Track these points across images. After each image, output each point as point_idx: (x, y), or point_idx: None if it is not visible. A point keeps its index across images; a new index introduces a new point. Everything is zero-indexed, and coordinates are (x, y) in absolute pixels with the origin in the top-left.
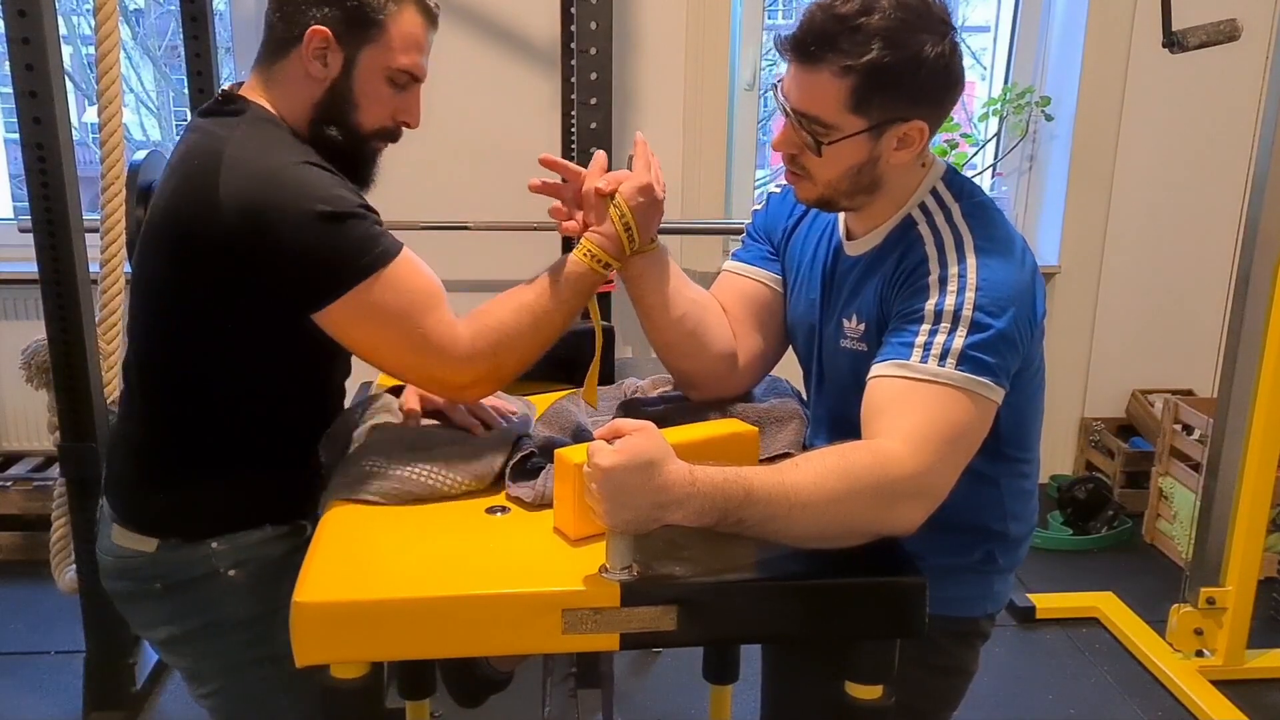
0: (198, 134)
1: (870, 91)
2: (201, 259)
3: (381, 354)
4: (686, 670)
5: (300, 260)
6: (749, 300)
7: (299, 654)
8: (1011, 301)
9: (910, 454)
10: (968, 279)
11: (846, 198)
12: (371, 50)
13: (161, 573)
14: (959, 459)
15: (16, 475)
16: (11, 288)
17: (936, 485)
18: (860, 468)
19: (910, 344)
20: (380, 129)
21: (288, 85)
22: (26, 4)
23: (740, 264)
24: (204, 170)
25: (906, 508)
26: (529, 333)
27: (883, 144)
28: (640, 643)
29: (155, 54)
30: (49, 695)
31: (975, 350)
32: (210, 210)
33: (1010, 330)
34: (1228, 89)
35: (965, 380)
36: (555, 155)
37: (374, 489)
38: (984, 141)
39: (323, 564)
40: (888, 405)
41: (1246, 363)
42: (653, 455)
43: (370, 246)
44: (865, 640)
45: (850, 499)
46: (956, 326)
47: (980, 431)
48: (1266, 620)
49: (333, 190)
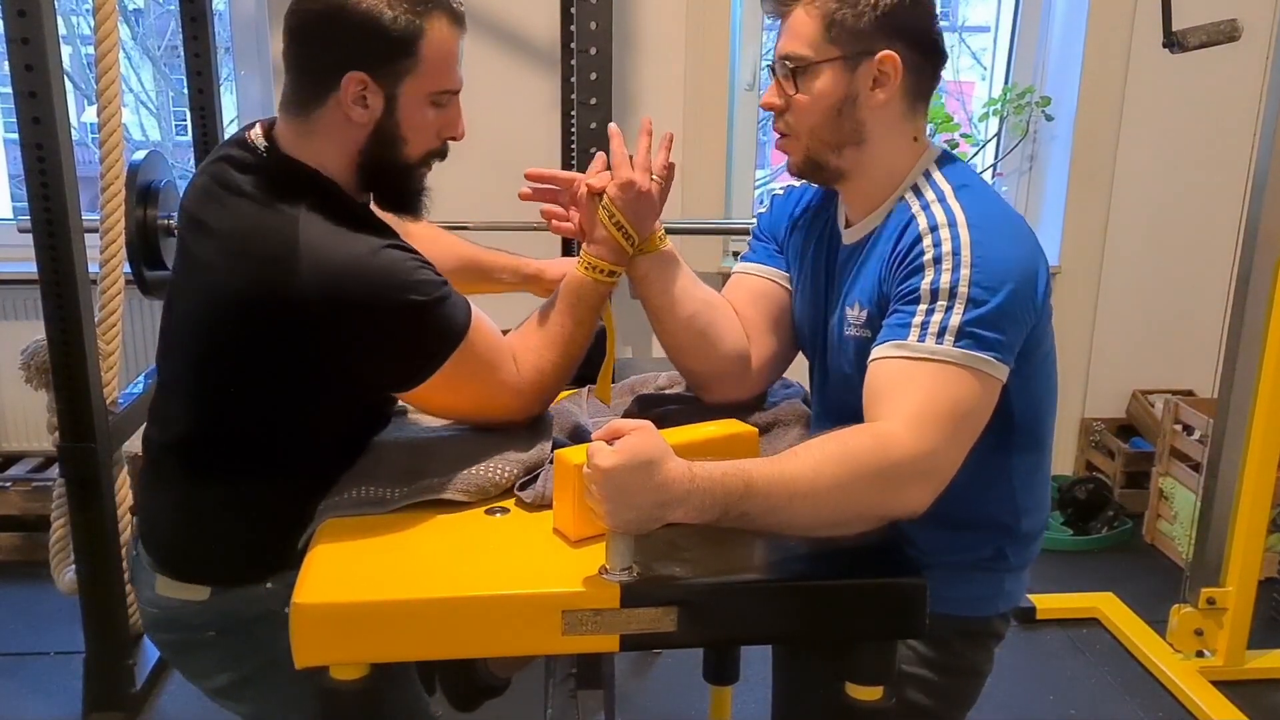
0: (256, 206)
1: (839, 20)
2: (280, 347)
3: (454, 410)
4: (687, 671)
5: (390, 352)
6: (761, 299)
7: (298, 656)
8: (1009, 276)
9: (912, 435)
10: (962, 256)
11: (832, 150)
12: (411, 80)
13: (215, 619)
14: (963, 437)
15: (16, 476)
16: (11, 288)
17: (941, 465)
18: (861, 451)
19: (908, 324)
20: (427, 153)
21: (329, 134)
22: (26, 4)
23: (749, 264)
24: (280, 259)
25: (911, 490)
26: (563, 360)
27: (858, 80)
28: (640, 644)
29: (155, 54)
30: (48, 696)
31: (974, 326)
32: (292, 302)
33: (1009, 305)
34: (1228, 89)
35: (965, 357)
36: (556, 156)
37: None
38: (984, 142)
39: (322, 565)
40: (887, 387)
41: (1247, 363)
42: (652, 454)
43: (453, 325)
44: (866, 641)
45: (852, 484)
46: (953, 304)
47: (985, 409)
48: (1267, 621)
49: (416, 275)
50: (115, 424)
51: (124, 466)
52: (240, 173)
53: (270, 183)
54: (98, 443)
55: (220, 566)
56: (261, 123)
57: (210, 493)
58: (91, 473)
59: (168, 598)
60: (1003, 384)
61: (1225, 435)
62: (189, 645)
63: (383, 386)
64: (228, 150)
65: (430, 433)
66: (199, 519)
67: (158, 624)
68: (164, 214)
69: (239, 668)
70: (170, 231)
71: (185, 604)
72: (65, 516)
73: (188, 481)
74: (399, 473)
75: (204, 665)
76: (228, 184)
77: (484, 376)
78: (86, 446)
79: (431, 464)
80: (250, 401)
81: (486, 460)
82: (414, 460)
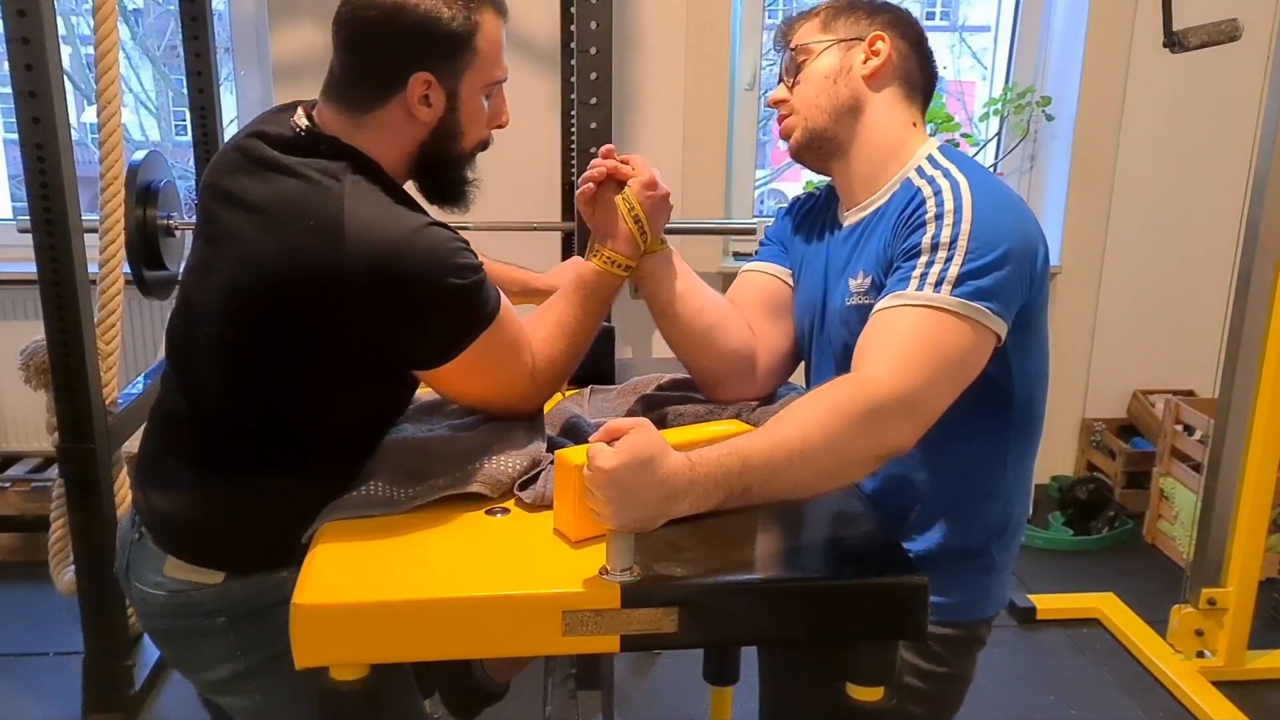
0: (299, 181)
1: (836, 15)
2: (315, 319)
3: (471, 396)
4: (687, 671)
5: (423, 329)
6: (768, 295)
7: (298, 656)
8: (1009, 236)
9: (892, 372)
10: (963, 213)
11: (831, 118)
12: (470, 76)
13: (227, 605)
14: (948, 379)
15: (15, 476)
16: (10, 288)
17: (924, 401)
18: (844, 400)
19: (908, 277)
20: (478, 143)
21: (387, 131)
22: (26, 4)
23: (757, 262)
24: (323, 231)
25: (894, 426)
26: (572, 349)
27: (852, 55)
28: (641, 645)
29: (154, 54)
30: (47, 696)
31: (971, 277)
32: (333, 275)
33: (1007, 261)
34: (1228, 89)
35: (960, 305)
36: (556, 156)
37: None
38: (984, 141)
39: (322, 566)
40: (877, 333)
41: (1247, 363)
42: (652, 451)
43: (485, 307)
44: (867, 642)
45: (842, 433)
46: (953, 254)
47: (975, 357)
48: (1267, 621)
49: (457, 256)
50: (114, 424)
51: (123, 467)
52: (278, 149)
53: (309, 159)
54: (97, 443)
55: (237, 552)
56: (303, 105)
57: (230, 477)
58: (91, 473)
59: (177, 580)
60: (998, 338)
61: (1226, 435)
62: (194, 633)
63: (410, 363)
64: (261, 127)
65: (429, 433)
66: (217, 503)
67: (159, 609)
68: (164, 214)
69: (245, 659)
70: (170, 231)
71: (197, 588)
72: (64, 517)
73: (207, 466)
74: (401, 473)
75: (207, 656)
76: (263, 158)
77: (505, 362)
78: (86, 447)
79: (433, 463)
80: (277, 378)
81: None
82: (416, 461)
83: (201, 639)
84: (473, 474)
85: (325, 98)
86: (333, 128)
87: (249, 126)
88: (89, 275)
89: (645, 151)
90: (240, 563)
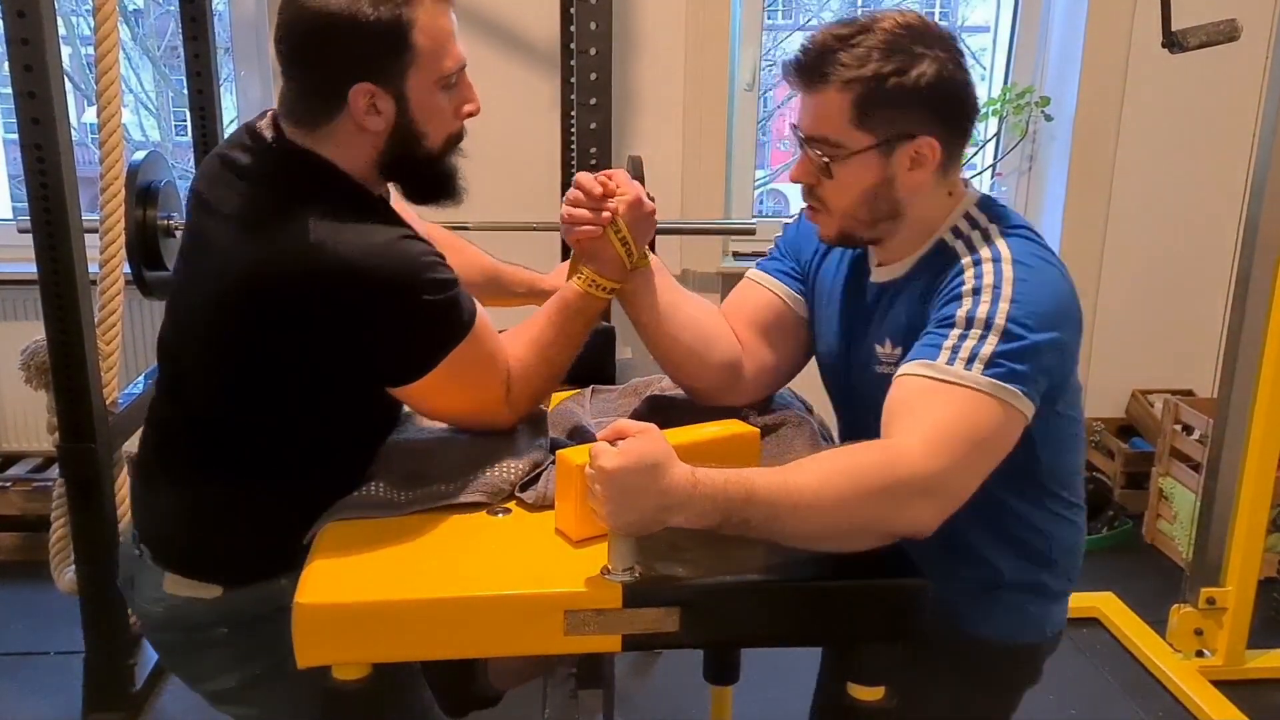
0: (267, 191)
1: (872, 104)
2: (288, 333)
3: (445, 412)
4: (687, 671)
5: (393, 345)
6: (762, 311)
7: (300, 656)
8: (1048, 319)
9: (924, 452)
10: (1003, 290)
11: (867, 228)
12: (415, 74)
13: (226, 616)
14: (978, 463)
15: (16, 476)
16: (10, 288)
17: (951, 486)
18: (869, 466)
19: (939, 345)
20: (449, 137)
21: (344, 143)
22: (26, 5)
23: (762, 274)
24: (293, 245)
25: (918, 507)
26: (549, 371)
27: (895, 163)
28: (642, 644)
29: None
30: (48, 696)
31: (1005, 358)
32: (304, 287)
33: (1044, 346)
34: (1228, 89)
35: (992, 386)
36: (555, 156)
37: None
38: (984, 142)
39: (324, 565)
40: (907, 403)
41: (1246, 363)
42: (656, 458)
43: (458, 322)
44: (867, 642)
45: (857, 499)
46: (988, 334)
47: (1005, 441)
48: (1267, 620)
49: (428, 270)
50: (115, 424)
51: (124, 467)
52: (249, 158)
53: (279, 170)
54: (97, 443)
55: (233, 563)
56: (272, 112)
57: (221, 488)
58: (91, 473)
59: (175, 595)
60: (1027, 420)
61: (1225, 435)
62: (195, 645)
63: (381, 379)
64: (239, 136)
65: (430, 435)
66: (210, 515)
67: (159, 623)
68: (164, 214)
69: (248, 668)
70: (170, 232)
71: (195, 601)
72: (65, 517)
73: (198, 476)
74: (402, 476)
75: (209, 667)
76: (236, 167)
77: (479, 379)
78: (86, 447)
79: (435, 468)
80: (259, 389)
81: (495, 461)
82: (418, 464)
83: (203, 650)
84: (473, 482)
85: (284, 119)
86: (296, 139)
87: (233, 134)
88: (89, 275)
89: (645, 151)
90: (236, 574)
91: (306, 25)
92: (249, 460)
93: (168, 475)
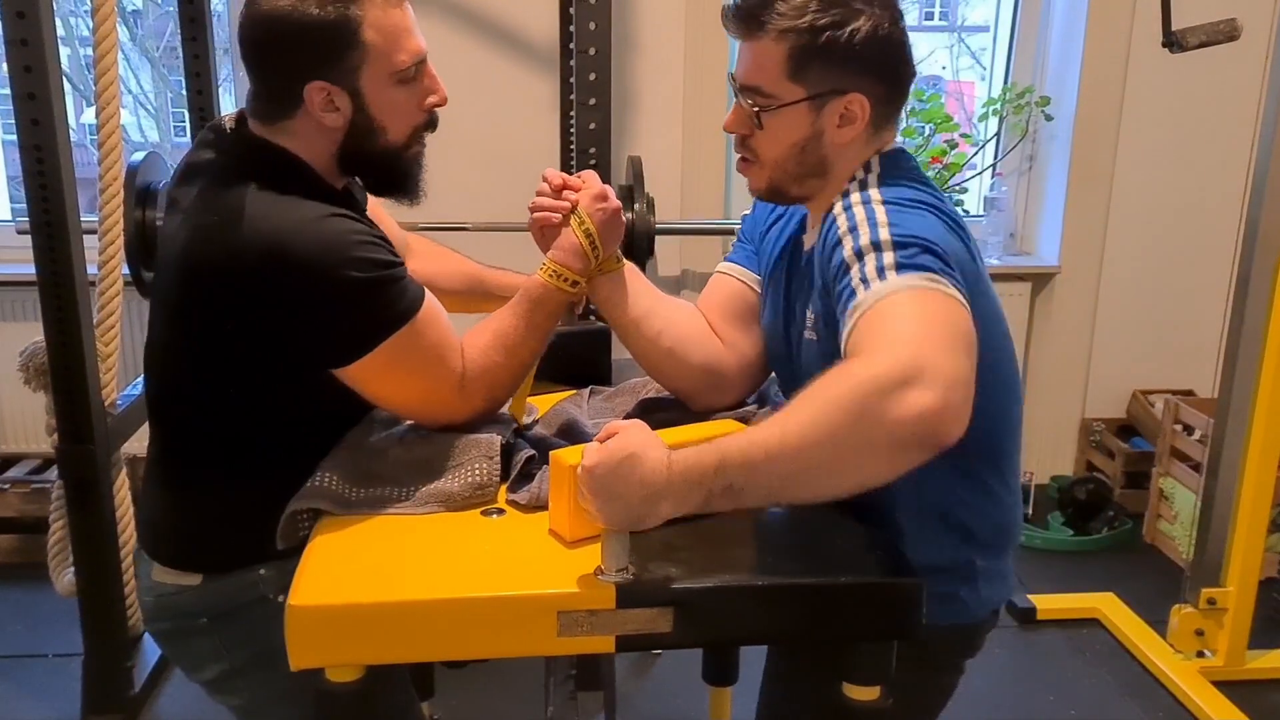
0: (211, 179)
1: (807, 57)
2: (224, 312)
3: (394, 401)
4: (686, 672)
5: (323, 323)
6: (732, 301)
7: (294, 657)
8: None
9: (883, 354)
10: (877, 217)
11: (795, 182)
12: (368, 71)
13: (207, 605)
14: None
15: (14, 477)
16: (10, 289)
17: (934, 364)
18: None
19: (848, 288)
20: (413, 130)
21: (304, 137)
22: (25, 5)
23: (728, 264)
24: (225, 225)
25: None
26: (512, 363)
27: (824, 118)
28: (636, 645)
29: (153, 55)
30: (47, 698)
31: (908, 259)
32: (232, 266)
33: (938, 246)
34: (1228, 89)
35: (912, 279)
36: (555, 156)
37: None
38: (984, 141)
39: (317, 567)
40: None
41: (1247, 363)
42: (632, 449)
43: (394, 306)
44: (862, 642)
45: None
46: (881, 251)
47: (960, 319)
48: (1267, 621)
49: (358, 249)
50: (114, 426)
51: (123, 468)
52: (211, 153)
53: (229, 158)
54: (96, 445)
55: (211, 552)
56: (240, 109)
57: (195, 478)
58: (90, 475)
59: (162, 584)
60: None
61: (1225, 435)
62: (182, 634)
63: (317, 360)
64: (204, 135)
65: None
66: (187, 505)
67: (151, 613)
68: None
69: (230, 658)
70: None
71: (179, 590)
72: (64, 519)
73: (174, 468)
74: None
75: (197, 656)
76: (195, 164)
77: (427, 368)
78: (85, 448)
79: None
80: (213, 374)
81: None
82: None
83: (190, 640)
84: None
85: (249, 112)
86: (259, 132)
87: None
88: (88, 277)
89: (645, 151)
90: (214, 563)
91: (260, 25)
92: (214, 452)
93: (154, 467)
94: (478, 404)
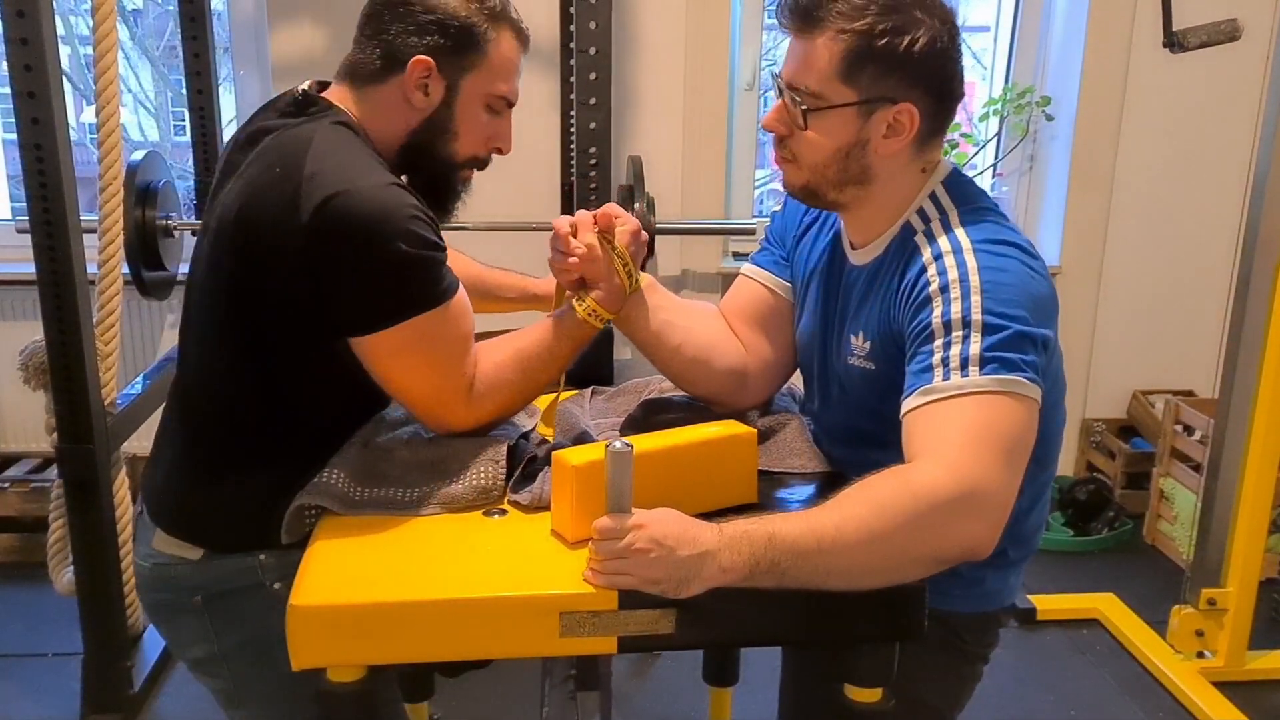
0: (277, 137)
1: (862, 60)
2: (271, 262)
3: (401, 386)
4: (686, 673)
5: (357, 287)
6: (756, 306)
7: (295, 658)
8: (1021, 298)
9: (949, 472)
10: (970, 282)
11: (834, 188)
12: (473, 78)
13: (203, 583)
14: (1009, 463)
15: (14, 477)
16: (9, 288)
17: (990, 494)
18: (889, 498)
19: (928, 366)
20: (473, 156)
21: (384, 110)
22: (25, 4)
23: (755, 268)
24: (285, 175)
25: (959, 526)
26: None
27: (871, 126)
28: (638, 646)
29: (153, 54)
30: (46, 697)
31: (996, 350)
32: (289, 217)
33: (1027, 327)
34: (1228, 89)
35: (994, 383)
36: (555, 156)
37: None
38: (984, 142)
39: (319, 567)
40: (922, 435)
41: (1247, 363)
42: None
43: (427, 287)
44: (864, 643)
45: (886, 533)
46: (970, 332)
47: (1027, 432)
48: (1268, 621)
49: (414, 223)
50: (113, 425)
51: (123, 468)
52: (275, 116)
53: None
54: (96, 444)
55: (215, 528)
56: (313, 80)
57: (211, 451)
58: (90, 474)
59: (162, 552)
60: (1038, 404)
61: (1225, 435)
62: (174, 608)
63: (342, 324)
64: (274, 102)
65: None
66: (199, 479)
67: (145, 581)
68: (162, 214)
69: (218, 640)
70: (169, 232)
71: (178, 562)
72: (63, 518)
73: (192, 436)
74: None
75: (185, 633)
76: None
77: (440, 360)
78: (85, 448)
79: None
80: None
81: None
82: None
83: (180, 616)
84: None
85: (337, 77)
86: (335, 98)
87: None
88: (88, 276)
89: (645, 151)
90: (218, 540)
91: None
92: (237, 430)
93: (169, 434)
94: (481, 415)
